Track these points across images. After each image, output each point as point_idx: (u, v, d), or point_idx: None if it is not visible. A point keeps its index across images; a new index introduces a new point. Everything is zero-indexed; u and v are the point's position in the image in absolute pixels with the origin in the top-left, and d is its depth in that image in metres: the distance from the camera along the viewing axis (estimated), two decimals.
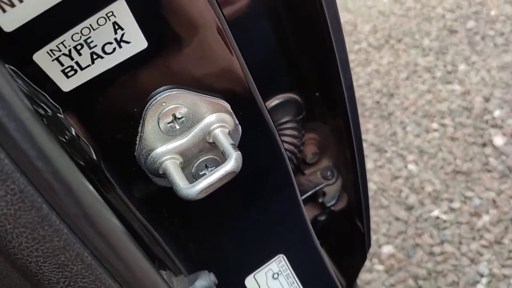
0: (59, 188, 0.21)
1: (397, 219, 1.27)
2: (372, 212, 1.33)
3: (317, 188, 0.59)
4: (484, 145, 1.32)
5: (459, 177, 1.28)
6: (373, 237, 1.22)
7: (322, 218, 0.65)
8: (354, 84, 0.46)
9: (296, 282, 0.50)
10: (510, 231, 1.14)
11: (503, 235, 1.15)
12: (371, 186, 1.37)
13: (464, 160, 1.31)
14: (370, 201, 1.34)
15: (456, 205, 1.24)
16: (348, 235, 0.64)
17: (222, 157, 0.33)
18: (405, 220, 1.25)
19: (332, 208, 0.61)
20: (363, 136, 1.48)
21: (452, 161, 1.32)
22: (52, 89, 0.27)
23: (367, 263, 1.16)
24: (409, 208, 1.28)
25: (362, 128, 1.52)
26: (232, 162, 0.31)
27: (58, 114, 0.29)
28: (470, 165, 1.30)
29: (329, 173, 0.60)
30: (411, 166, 1.36)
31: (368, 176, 1.41)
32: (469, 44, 1.58)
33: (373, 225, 1.28)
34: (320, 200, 0.61)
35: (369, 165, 1.42)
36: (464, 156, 1.32)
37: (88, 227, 0.22)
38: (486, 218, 1.18)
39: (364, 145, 1.48)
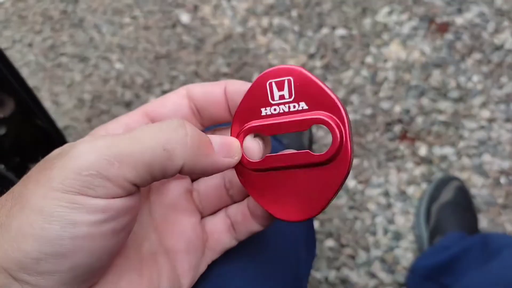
0: None
1: None
2: (96, 121, 1.32)
3: None
4: (174, 26, 1.41)
5: (162, 61, 1.37)
6: None
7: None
8: None
9: None
10: None
11: None
12: (86, 97, 1.34)
13: (162, 44, 1.39)
14: (89, 111, 1.32)
15: (166, 87, 1.33)
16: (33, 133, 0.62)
17: None
18: None
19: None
20: (61, 50, 1.40)
21: (152, 48, 1.38)
22: None
23: None
24: (128, 104, 1.32)
25: (57, 42, 1.42)
26: None
27: None
28: (168, 47, 1.38)
29: None
30: (118, 65, 1.37)
31: (80, 88, 1.37)
32: None
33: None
34: None
35: (77, 77, 1.37)
36: (161, 41, 1.39)
37: None
38: None
39: (66, 59, 1.41)
